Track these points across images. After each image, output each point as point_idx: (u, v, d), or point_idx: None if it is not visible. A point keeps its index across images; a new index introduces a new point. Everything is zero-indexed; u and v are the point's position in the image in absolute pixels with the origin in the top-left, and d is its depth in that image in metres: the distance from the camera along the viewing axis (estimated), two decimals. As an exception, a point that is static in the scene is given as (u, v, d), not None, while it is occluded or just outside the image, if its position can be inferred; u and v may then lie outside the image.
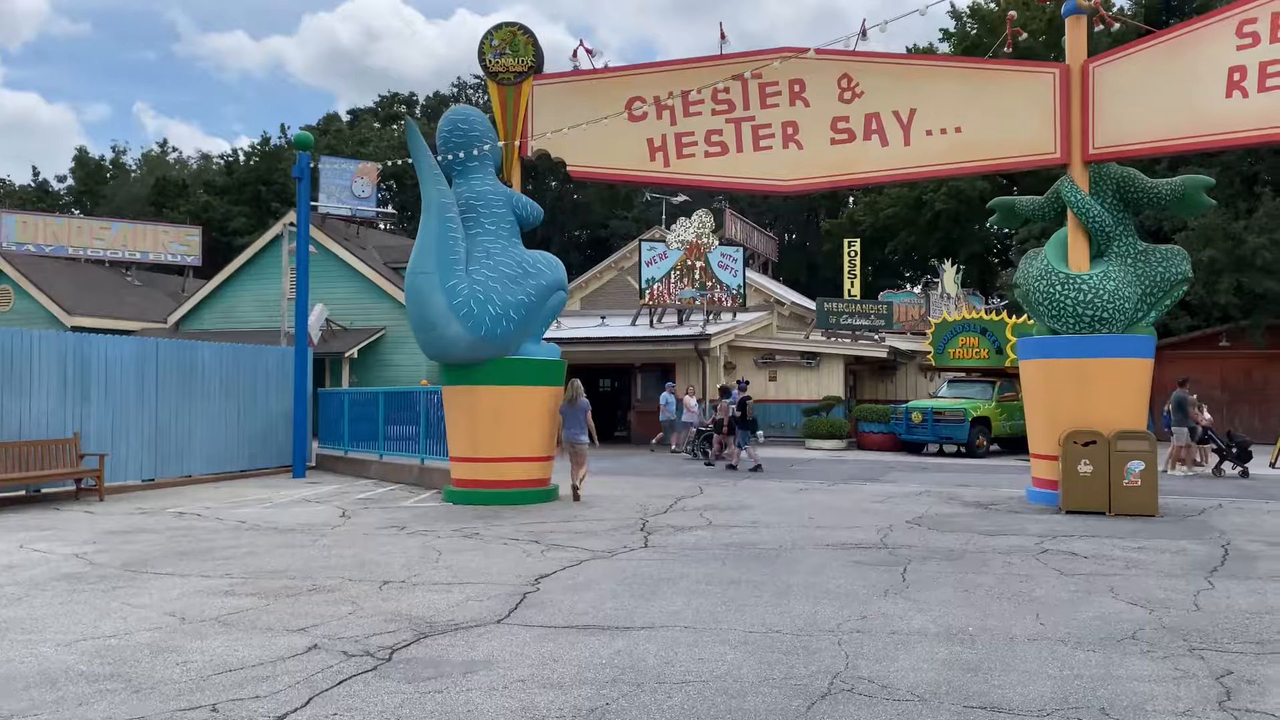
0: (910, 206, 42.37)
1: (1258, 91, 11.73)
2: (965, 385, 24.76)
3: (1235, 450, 18.52)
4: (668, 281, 27.75)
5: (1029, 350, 14.07)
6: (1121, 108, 13.01)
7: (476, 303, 13.02)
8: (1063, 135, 13.45)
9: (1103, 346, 13.21)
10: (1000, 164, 14.12)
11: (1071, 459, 12.83)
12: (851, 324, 27.83)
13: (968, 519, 12.20)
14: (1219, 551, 9.70)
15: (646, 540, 10.37)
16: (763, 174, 14.30)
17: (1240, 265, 29.10)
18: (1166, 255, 13.86)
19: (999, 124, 13.70)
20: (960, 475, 18.50)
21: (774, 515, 12.44)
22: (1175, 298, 13.88)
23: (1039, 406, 13.91)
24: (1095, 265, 13.58)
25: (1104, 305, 13.18)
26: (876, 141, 14.01)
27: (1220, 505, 13.78)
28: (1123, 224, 13.90)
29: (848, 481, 17.07)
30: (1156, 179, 14.08)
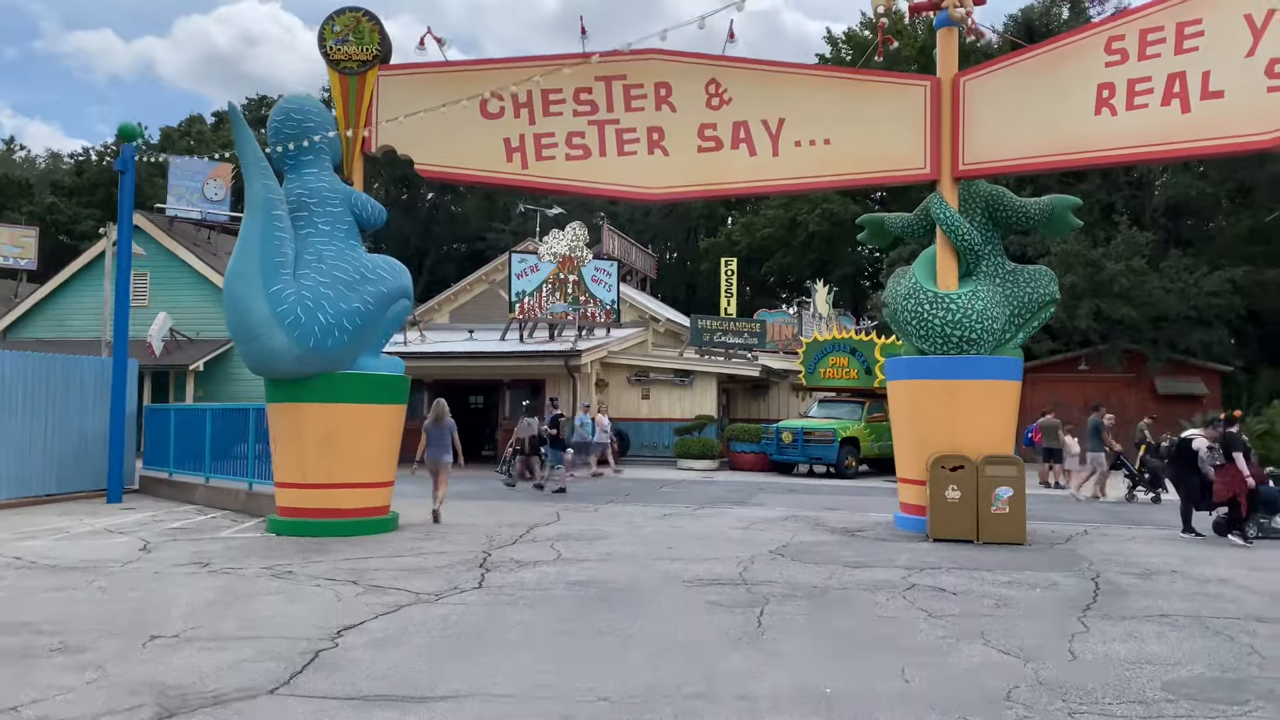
0: (785, 227, 42.48)
1: (1126, 110, 11.50)
2: (835, 405, 24.48)
3: (1148, 477, 18.62)
4: (539, 295, 26.69)
5: (897, 371, 13.59)
6: (992, 123, 12.67)
7: (304, 310, 11.71)
8: (933, 150, 13.04)
9: (971, 368, 12.80)
10: (870, 178, 13.64)
11: (939, 485, 12.32)
12: (725, 342, 27.31)
13: (833, 548, 11.53)
14: (1089, 586, 9.21)
15: (483, 579, 9.28)
16: (626, 180, 13.45)
17: (1099, 291, 29.88)
18: (1034, 276, 13.60)
19: (869, 137, 13.21)
20: (829, 498, 17.99)
21: (631, 545, 11.51)
22: (1043, 319, 13.62)
23: (906, 429, 13.42)
24: (964, 285, 13.20)
25: (972, 325, 12.78)
26: (745, 151, 13.34)
27: (1086, 532, 13.53)
28: (992, 243, 13.58)
29: (715, 505, 16.31)
30: (1025, 199, 13.83)
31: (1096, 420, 18.76)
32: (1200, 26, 10.90)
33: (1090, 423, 18.87)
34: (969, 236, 13.09)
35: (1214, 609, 8.17)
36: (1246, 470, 12.54)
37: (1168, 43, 11.17)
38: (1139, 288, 29.96)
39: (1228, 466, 12.37)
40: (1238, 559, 11.11)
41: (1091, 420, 18.86)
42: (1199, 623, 7.62)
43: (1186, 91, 11.00)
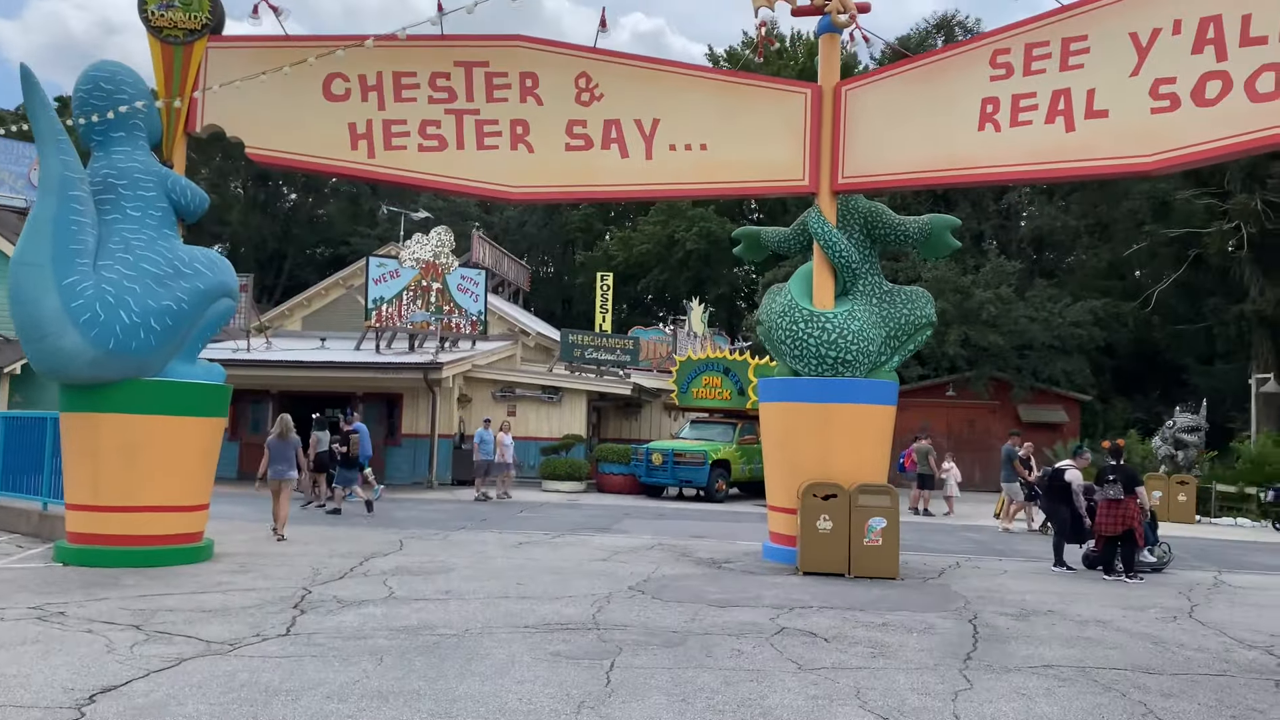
0: (663, 244, 41.94)
1: (1010, 126, 11.04)
2: (707, 426, 23.80)
3: None
4: (399, 303, 25.17)
5: (769, 392, 12.84)
6: (874, 136, 12.09)
7: (104, 307, 10.14)
8: (812, 162, 12.39)
9: (846, 390, 12.14)
10: (747, 188, 12.91)
11: (810, 514, 11.58)
12: (597, 359, 26.34)
13: (698, 583, 10.61)
14: (968, 629, 8.53)
15: (293, 623, 7.97)
16: (486, 177, 12.32)
17: (968, 318, 30.19)
18: (911, 297, 13.08)
19: (747, 145, 12.46)
20: (697, 524, 17.16)
21: (476, 580, 10.33)
22: (919, 342, 13.11)
23: (778, 454, 12.68)
24: (840, 304, 12.56)
25: (848, 346, 12.13)
26: (616, 152, 12.40)
27: (958, 565, 13.02)
28: (869, 261, 13.01)
29: (576, 532, 15.24)
30: (904, 217, 13.32)
31: (1010, 449, 18.32)
32: (1086, 43, 10.53)
33: (1004, 451, 18.42)
34: (847, 253, 12.47)
35: (1099, 658, 7.56)
36: (1147, 503, 12.28)
37: (1053, 58, 10.77)
38: (1006, 316, 30.42)
39: (1127, 500, 12.00)
40: (1112, 597, 10.69)
41: (1005, 449, 18.42)
42: (1086, 675, 6.96)
43: (1071, 109, 10.61)
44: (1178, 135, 9.89)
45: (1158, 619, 9.40)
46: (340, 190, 52.18)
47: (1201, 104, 9.73)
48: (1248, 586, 12.00)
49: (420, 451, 23.98)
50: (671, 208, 41.84)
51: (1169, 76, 9.95)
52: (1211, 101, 9.66)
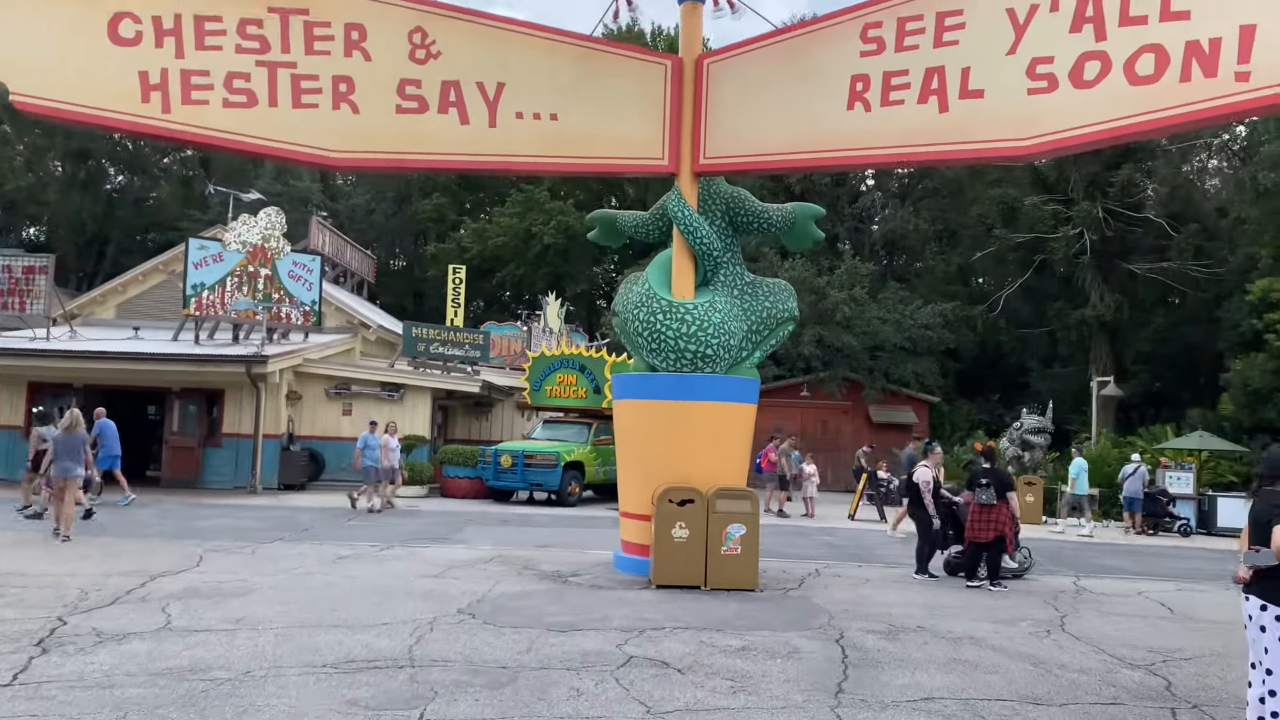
0: (519, 238, 40.49)
1: (881, 105, 10.29)
2: (561, 426, 22.60)
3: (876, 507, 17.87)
4: (222, 290, 22.96)
5: (624, 389, 11.78)
6: (738, 114, 11.18)
7: None
8: (672, 140, 11.40)
9: (706, 387, 11.20)
10: (602, 164, 11.78)
11: (665, 522, 10.56)
12: (443, 354, 24.73)
13: (539, 602, 9.42)
14: (836, 652, 7.64)
15: (27, 666, 6.39)
16: (302, 139, 10.77)
17: (823, 319, 30.05)
18: (774, 289, 12.26)
19: (603, 117, 11.36)
20: (546, 531, 15.95)
21: (279, 604, 8.84)
22: (780, 337, 12.29)
23: (632, 456, 11.64)
24: (701, 294, 11.61)
25: (709, 339, 11.19)
26: (454, 117, 11.07)
27: (818, 573, 12.27)
28: (731, 250, 12.12)
29: (409, 543, 13.79)
30: (767, 204, 12.49)
31: (912, 453, 17.74)
32: (961, 19, 9.87)
33: (905, 455, 17.80)
34: (708, 240, 11.52)
35: (981, 686, 6.77)
36: (1018, 509, 11.78)
37: (927, 34, 10.07)
38: (859, 317, 30.44)
39: (999, 505, 11.45)
40: (980, 609, 10.07)
41: (907, 452, 17.82)
42: (971, 710, 6.14)
43: (945, 89, 9.92)
44: (1055, 118, 9.30)
45: (1031, 634, 8.78)
46: (171, 172, 48.48)
47: (1080, 85, 9.17)
48: (1108, 593, 11.66)
49: (244, 453, 21.86)
50: (529, 199, 40.44)
51: (1046, 56, 9.37)
52: (1090, 83, 9.11)
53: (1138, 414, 33.44)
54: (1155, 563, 15.45)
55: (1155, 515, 21.16)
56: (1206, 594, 12.07)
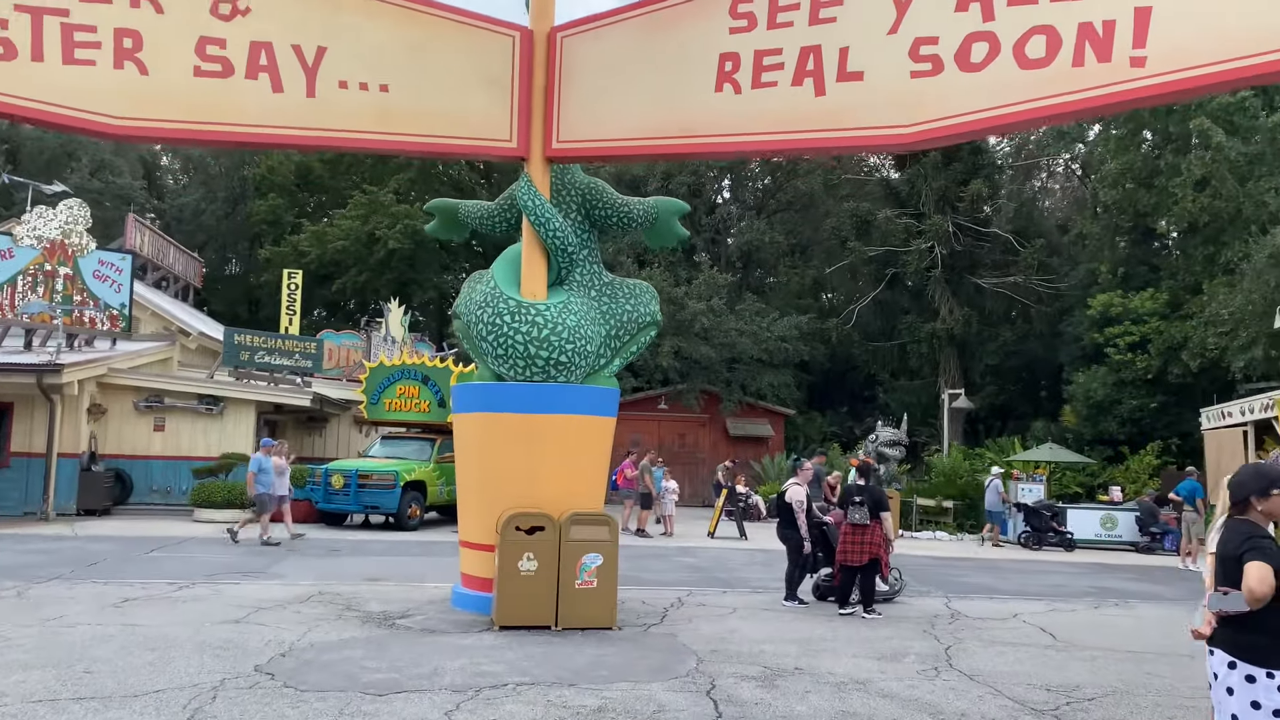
0: (362, 242, 38.21)
1: (752, 88, 9.31)
2: (401, 443, 20.86)
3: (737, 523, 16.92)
4: (11, 290, 20.25)
5: (466, 400, 10.40)
6: (595, 94, 10.01)
7: None
8: (521, 120, 10.12)
9: (560, 398, 9.94)
10: (441, 145, 10.38)
11: (511, 553, 9.24)
12: (271, 364, 22.60)
13: (358, 654, 7.94)
14: (709, 709, 6.49)
15: None
16: (75, 101, 8.96)
17: (681, 330, 29.30)
18: (635, 291, 11.13)
19: (443, 93, 9.99)
20: (379, 561, 14.33)
21: (22, 668, 7.06)
22: (642, 343, 11.16)
23: (474, 477, 10.26)
24: (554, 295, 10.35)
25: (563, 345, 9.94)
26: (265, 84, 9.48)
27: (680, 602, 11.16)
28: (588, 246, 10.92)
29: (216, 578, 11.96)
30: (628, 197, 11.36)
31: (819, 468, 16.78)
32: (839, -7, 9.00)
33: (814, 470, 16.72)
34: (562, 234, 10.28)
35: (880, 748, 5.75)
36: (892, 530, 10.96)
37: (801, 9, 9.15)
38: (717, 328, 29.84)
39: (873, 525, 10.60)
40: (859, 642, 9.16)
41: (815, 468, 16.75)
42: (876, 785, 5.08)
43: (822, 70, 9.02)
44: (940, 104, 8.51)
45: (920, 673, 7.88)
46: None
47: (967, 69, 8.40)
48: (984, 617, 11.00)
49: (35, 475, 19.23)
50: (373, 201, 38.23)
51: (931, 36, 8.57)
52: (977, 66, 8.36)
53: (984, 426, 34.07)
54: (1018, 579, 15.09)
55: (1040, 530, 21.19)
56: (1078, 614, 11.59)
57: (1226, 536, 4.17)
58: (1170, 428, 28.00)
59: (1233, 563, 4.03)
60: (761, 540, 19.03)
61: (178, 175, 52.62)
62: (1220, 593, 4.03)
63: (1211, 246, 26.62)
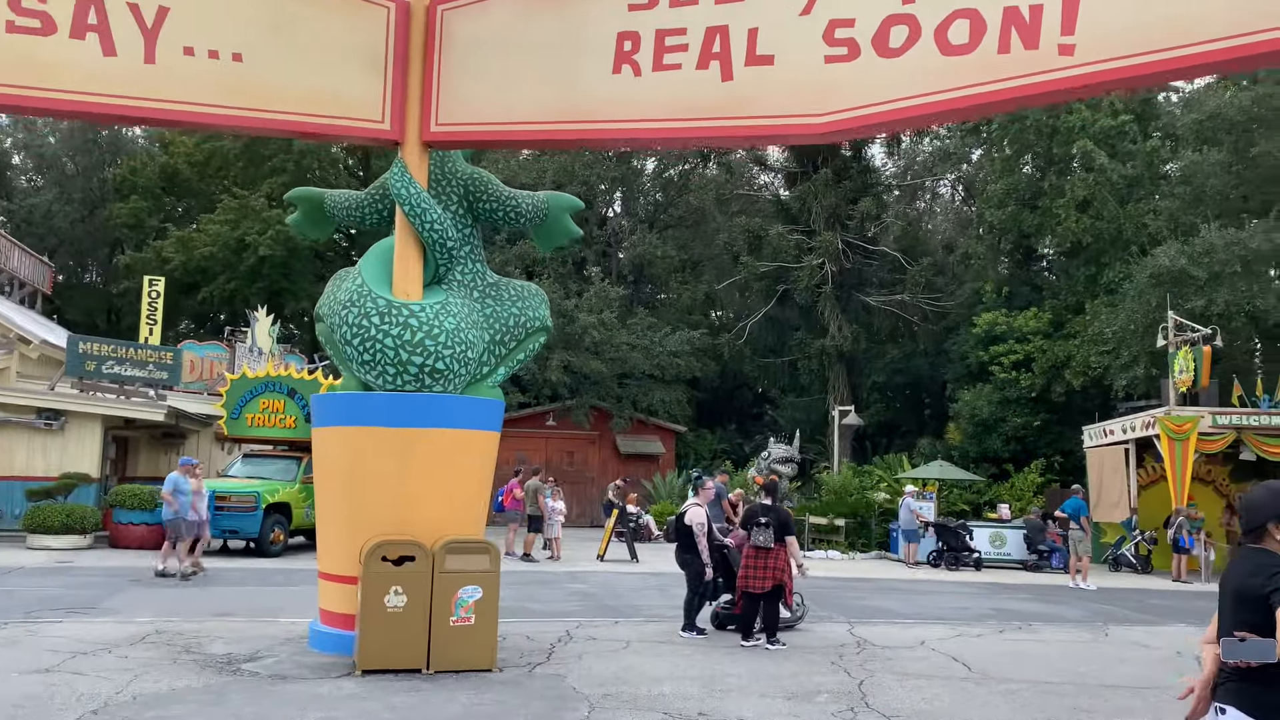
0: (231, 249, 36.01)
1: (653, 70, 8.49)
2: (264, 462, 19.26)
3: None
4: None
5: (327, 413, 9.23)
6: (481, 73, 9.04)
7: None
8: (396, 100, 9.07)
9: (436, 411, 8.88)
10: (302, 124, 9.19)
11: (376, 587, 8.11)
12: (121, 375, 20.66)
13: (187, 708, 6.71)
14: (605, 773, 5.55)
15: None
16: None
17: (571, 344, 28.37)
18: (522, 293, 10.17)
19: (306, 65, 8.88)
20: (233, 593, 12.90)
21: None
22: (530, 351, 10.17)
23: (336, 500, 9.09)
24: (431, 294, 9.29)
25: (440, 350, 8.89)
26: (95, 46, 8.21)
27: (569, 636, 10.18)
28: (470, 242, 9.90)
29: (35, 616, 10.39)
30: (516, 190, 10.38)
31: (720, 486, 15.80)
32: (748, -31, 8.28)
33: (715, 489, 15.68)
34: (440, 226, 9.23)
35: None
36: (799, 554, 10.19)
37: (708, -14, 8.41)
38: (609, 343, 29.02)
39: (778, 549, 9.82)
40: (765, 679, 8.35)
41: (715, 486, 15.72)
42: None
43: (729, 53, 8.27)
44: (856, 91, 7.84)
45: (836, 715, 7.10)
46: None
47: (885, 54, 7.76)
48: (891, 645, 10.36)
49: None
50: (243, 206, 36.10)
51: (847, 18, 7.91)
52: (896, 52, 7.72)
53: (872, 443, 34.13)
54: (918, 601, 14.63)
55: (955, 549, 20.98)
56: (985, 640, 11.09)
57: (1242, 568, 3.47)
58: (1053, 445, 28.42)
59: (1253, 602, 3.32)
60: (653, 562, 18.22)
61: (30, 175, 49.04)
62: (1236, 639, 3.30)
63: (1093, 267, 27.19)
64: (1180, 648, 10.75)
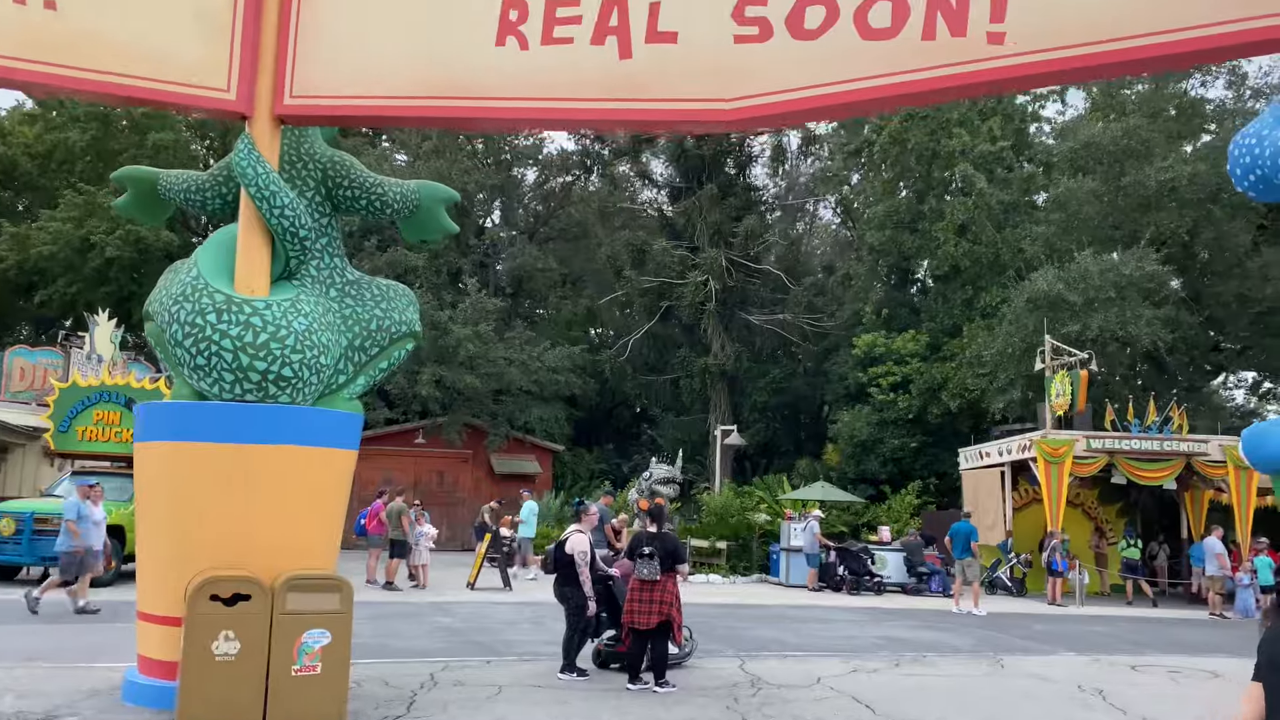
0: (75, 248, 33.16)
1: (541, 43, 7.56)
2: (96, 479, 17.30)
3: None
4: None
5: (152, 424, 7.91)
6: (345, 39, 7.95)
7: None
8: (244, 67, 7.91)
9: (282, 425, 7.67)
10: (129, 89, 7.86)
11: (204, 629, 6.86)
12: (-70, 381, 18.38)
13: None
14: None
15: None
16: None
17: (444, 357, 27.04)
18: (387, 294, 9.05)
19: (134, 18, 7.67)
20: (47, 631, 11.22)
21: None
22: (396, 358, 9.05)
23: (159, 526, 7.77)
24: (280, 290, 8.09)
25: (288, 355, 7.69)
26: None
27: (433, 681, 9.03)
28: (328, 234, 8.74)
29: None
30: (384, 177, 9.25)
31: (604, 509, 14.72)
32: (650, -64, 7.45)
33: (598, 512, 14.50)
34: (292, 213, 8.05)
35: None
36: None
37: (605, -47, 7.55)
38: (484, 357, 27.78)
39: (665, 581, 8.91)
40: (658, 729, 7.43)
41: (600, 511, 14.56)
42: None
43: (628, 28, 7.42)
44: (768, 76, 7.11)
45: (740, 777, 6.23)
46: None
47: (799, 35, 7.05)
48: (787, 684, 9.59)
49: None
50: (89, 203, 33.32)
51: (759, -5, 7.18)
52: (812, 34, 7.03)
53: (751, 463, 33.80)
54: (806, 631, 14.00)
55: (857, 573, 20.54)
56: (882, 675, 10.44)
57: None
58: (929, 467, 28.56)
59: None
60: (528, 590, 17.11)
61: None
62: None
63: (970, 290, 27.51)
64: (1080, 680, 10.35)
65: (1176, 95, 25.38)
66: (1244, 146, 6.17)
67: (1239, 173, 6.23)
